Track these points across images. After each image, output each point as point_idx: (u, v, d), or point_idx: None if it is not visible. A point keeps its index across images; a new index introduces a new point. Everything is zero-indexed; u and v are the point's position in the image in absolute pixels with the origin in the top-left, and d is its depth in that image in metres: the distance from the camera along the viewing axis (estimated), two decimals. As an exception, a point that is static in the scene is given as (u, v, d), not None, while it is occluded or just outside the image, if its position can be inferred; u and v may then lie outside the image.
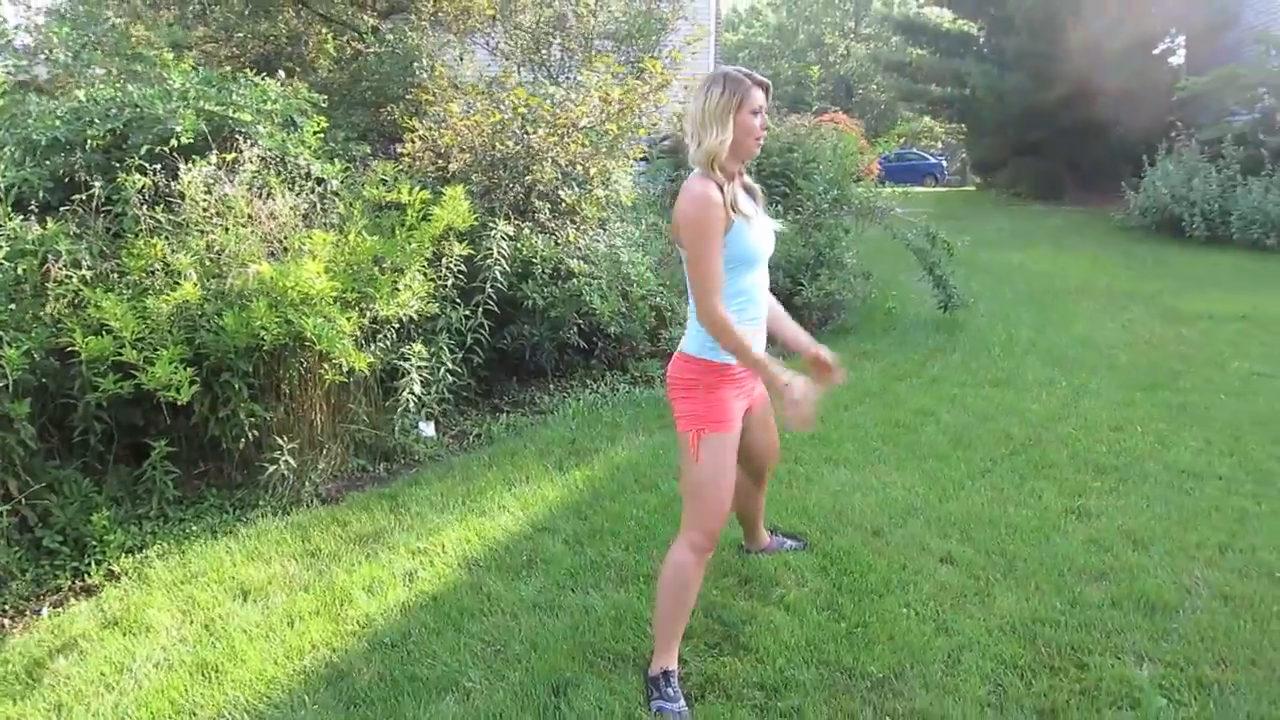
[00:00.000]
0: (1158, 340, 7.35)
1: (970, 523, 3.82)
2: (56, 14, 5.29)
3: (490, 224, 5.12)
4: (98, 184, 3.96)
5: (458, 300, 4.99)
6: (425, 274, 4.57)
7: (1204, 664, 2.83)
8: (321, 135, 4.81)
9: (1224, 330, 7.70)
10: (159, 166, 4.12)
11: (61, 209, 4.03)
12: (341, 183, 4.68)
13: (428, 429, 4.88)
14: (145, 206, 4.04)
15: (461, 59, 6.53)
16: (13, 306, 3.71)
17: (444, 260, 4.76)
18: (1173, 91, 16.95)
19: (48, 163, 4.13)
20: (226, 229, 4.03)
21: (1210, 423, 5.18)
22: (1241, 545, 3.63)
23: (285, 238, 4.18)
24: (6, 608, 3.36)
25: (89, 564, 3.61)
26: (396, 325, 4.62)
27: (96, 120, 4.26)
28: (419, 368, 4.56)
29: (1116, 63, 18.37)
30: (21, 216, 3.79)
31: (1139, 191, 14.96)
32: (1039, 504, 4.03)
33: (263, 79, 4.83)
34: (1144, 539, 3.68)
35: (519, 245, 5.27)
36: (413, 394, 4.56)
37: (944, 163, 37.76)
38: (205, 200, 4.05)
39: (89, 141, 4.20)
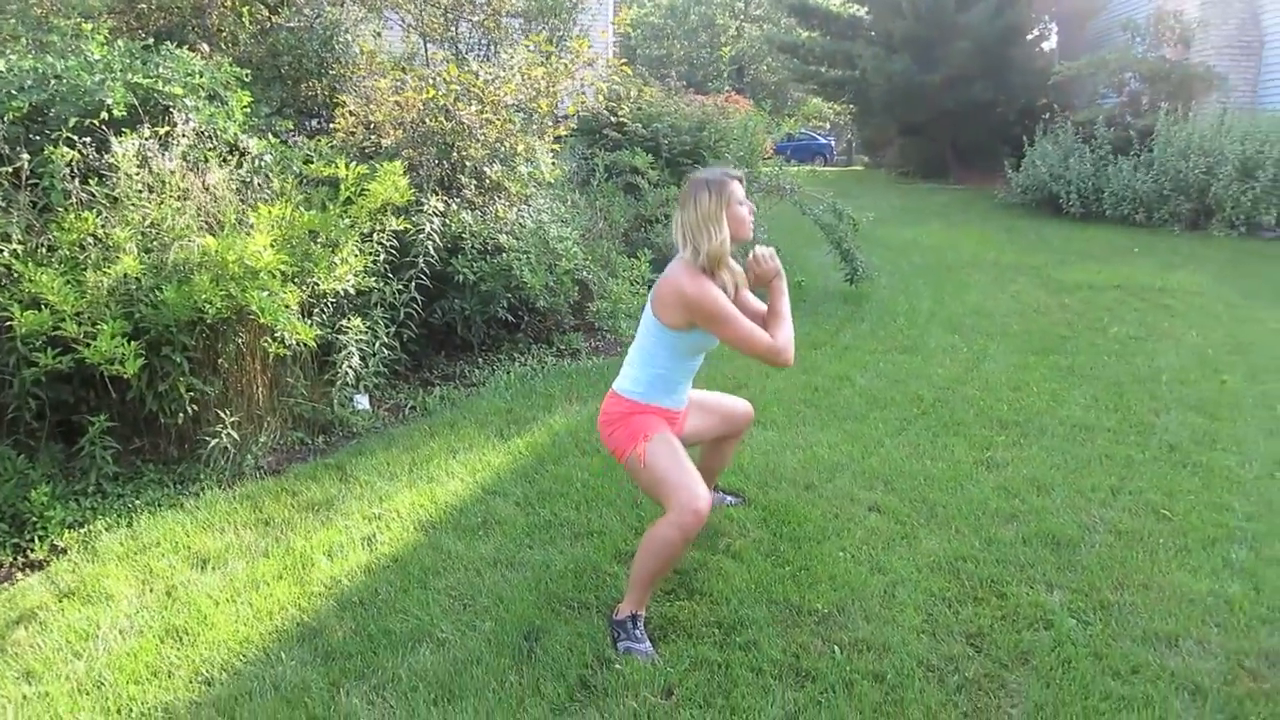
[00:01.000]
0: (1044, 309, 7.87)
1: (892, 475, 4.12)
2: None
3: (421, 200, 5.17)
4: (24, 157, 3.87)
5: (389, 275, 5.04)
6: (360, 249, 4.61)
7: (1105, 589, 3.17)
8: (248, 111, 4.78)
9: (1102, 299, 8.27)
10: (87, 139, 4.05)
11: (-16, 182, 3.92)
12: (274, 159, 4.66)
13: (363, 402, 4.93)
14: (75, 180, 3.96)
15: (379, 35, 6.51)
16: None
17: (376, 235, 4.80)
18: (1048, 75, 17.86)
19: (-34, 135, 4.00)
20: (161, 203, 3.99)
21: (1096, 381, 5.63)
22: (1130, 488, 4.03)
23: (221, 212, 4.17)
24: (-52, 587, 3.32)
25: (30, 540, 3.57)
26: (332, 300, 4.65)
27: (16, 91, 4.14)
28: (356, 341, 4.61)
29: (994, 47, 19.27)
30: (-56, 191, 3.69)
31: (1019, 171, 15.75)
32: (952, 457, 4.36)
33: (180, 51, 4.76)
34: (1046, 484, 4.04)
35: (448, 221, 5.33)
36: (351, 367, 4.61)
37: (832, 143, 38.75)
38: (139, 174, 4.00)
39: (9, 114, 4.08)
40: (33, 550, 3.53)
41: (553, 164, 6.23)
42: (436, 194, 5.30)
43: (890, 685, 2.64)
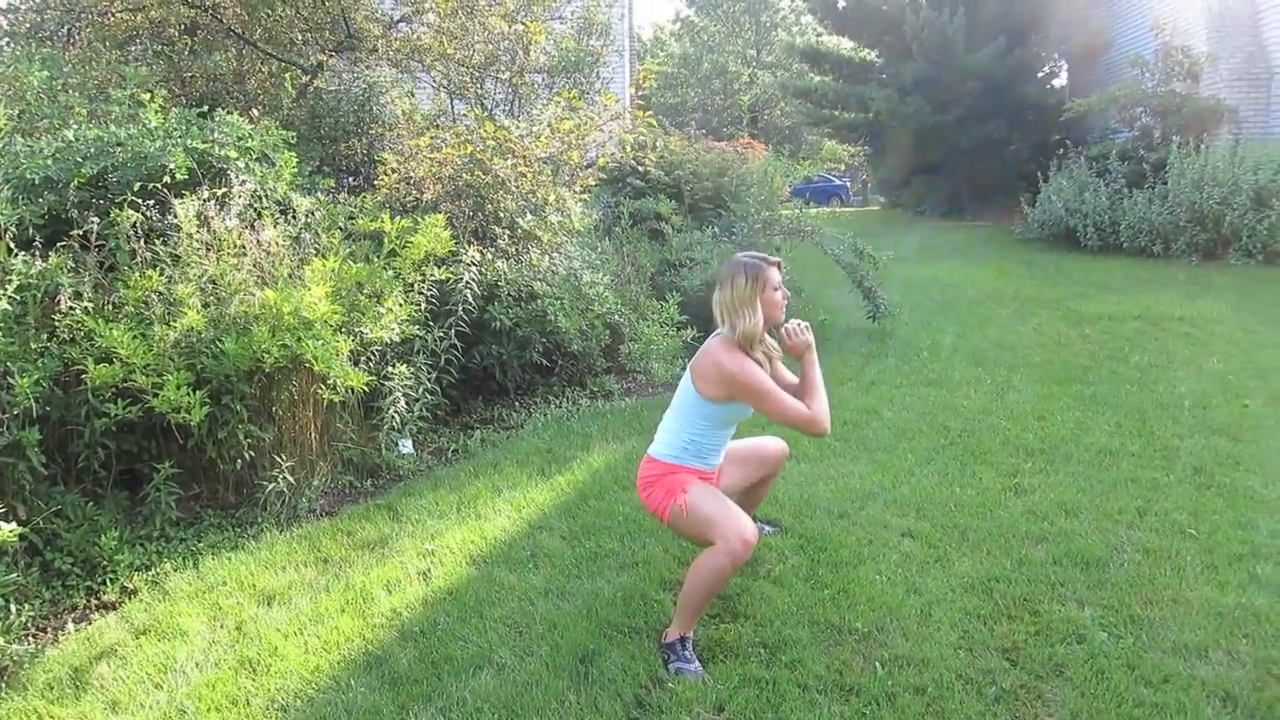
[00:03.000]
0: (1065, 340, 7.98)
1: (923, 502, 4.25)
2: (21, 56, 5.37)
3: (458, 251, 5.40)
4: (94, 220, 4.12)
5: (430, 323, 5.25)
6: (404, 299, 4.83)
7: (1135, 604, 3.28)
8: (294, 170, 5.04)
9: (1123, 329, 8.37)
10: (150, 202, 4.31)
11: (57, 245, 4.17)
12: (321, 216, 4.91)
13: (407, 446, 5.12)
14: (140, 240, 4.22)
15: (413, 95, 6.81)
16: (14, 341, 3.84)
17: (418, 285, 5.02)
18: (1059, 112, 18.10)
19: (39, 201, 4.27)
20: (220, 260, 4.24)
21: (1119, 408, 5.74)
22: (1156, 509, 4.14)
23: (275, 267, 4.40)
24: (29, 626, 3.49)
25: (102, 582, 3.76)
26: (378, 348, 4.86)
27: (82, 159, 4.42)
28: (402, 387, 4.81)
29: (1005, 86, 19.57)
30: (23, 253, 3.93)
31: (1035, 206, 15.92)
32: (980, 484, 4.48)
33: (231, 117, 5.04)
34: (1073, 508, 4.16)
35: (484, 270, 5.56)
36: (397, 412, 4.80)
37: (848, 185, 39.13)
38: (199, 233, 4.25)
39: (76, 180, 4.35)
40: (104, 592, 3.72)
41: (582, 213, 6.47)
42: (472, 244, 5.53)
43: (931, 697, 2.76)
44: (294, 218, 4.77)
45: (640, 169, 8.24)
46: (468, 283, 5.28)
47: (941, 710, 2.70)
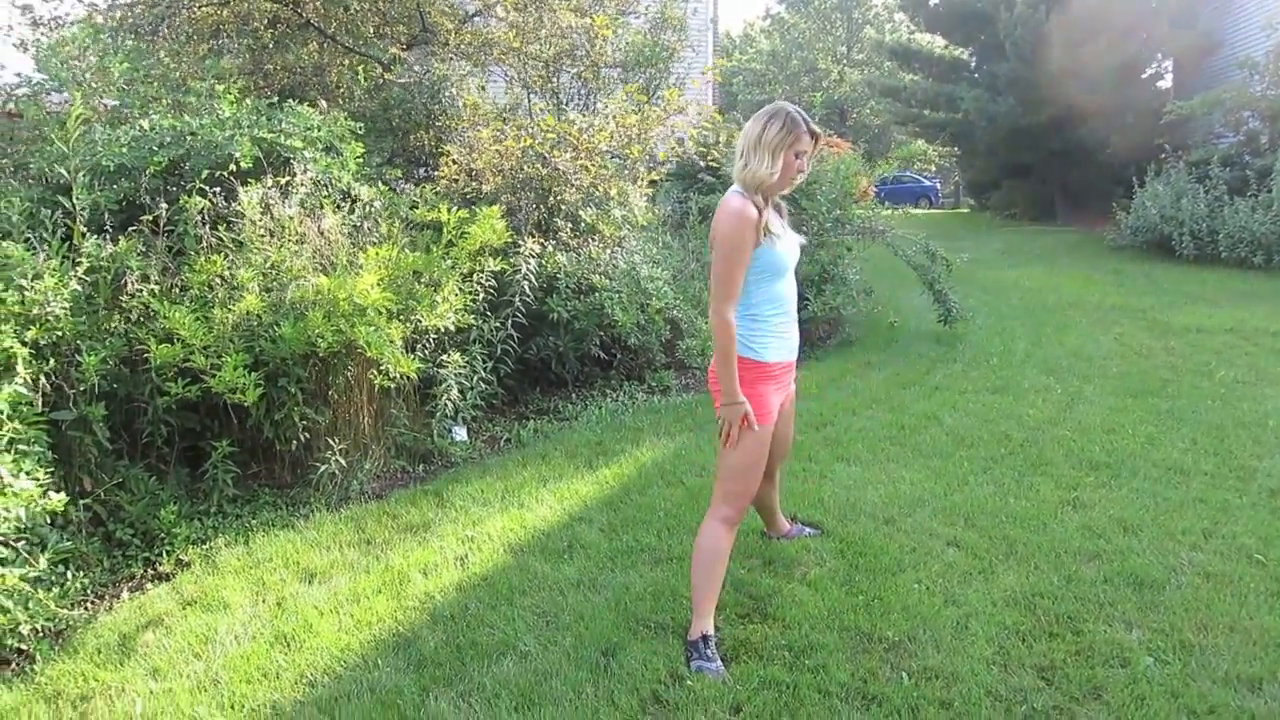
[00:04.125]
0: (1147, 351, 7.68)
1: (974, 512, 4.13)
2: (113, 48, 5.61)
3: (517, 242, 5.45)
4: (163, 206, 4.28)
5: (488, 313, 5.32)
6: (461, 288, 4.90)
7: (1187, 630, 3.13)
8: (360, 160, 5.16)
9: (1211, 342, 8.01)
10: (217, 189, 4.45)
11: (129, 229, 4.34)
12: (382, 205, 5.01)
13: (461, 433, 5.19)
14: (206, 226, 4.36)
15: (484, 88, 6.90)
16: (85, 319, 4.01)
17: (476, 275, 5.09)
18: (1161, 115, 17.40)
19: (114, 187, 4.45)
20: (281, 246, 4.36)
21: (1197, 425, 5.49)
22: (1224, 532, 3.93)
23: (334, 254, 4.51)
24: (89, 592, 3.65)
25: (159, 554, 3.90)
26: (434, 336, 4.94)
27: (157, 147, 4.59)
28: (456, 375, 4.88)
29: (1105, 87, 18.87)
30: (95, 236, 4.10)
31: (1129, 212, 15.36)
32: (1037, 496, 4.34)
33: (301, 107, 5.18)
34: (1134, 526, 3.98)
35: (543, 262, 5.60)
36: (450, 400, 4.88)
37: (938, 186, 38.33)
38: (262, 220, 4.38)
39: (151, 168, 4.52)
40: (161, 564, 3.86)
41: (645, 207, 6.47)
42: (533, 236, 5.58)
43: (957, 712, 2.68)
44: (356, 207, 4.87)
45: (711, 164, 8.19)
46: (526, 274, 5.33)
47: (965, 726, 2.62)
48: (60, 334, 3.71)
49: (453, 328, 4.86)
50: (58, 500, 3.06)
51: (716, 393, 2.98)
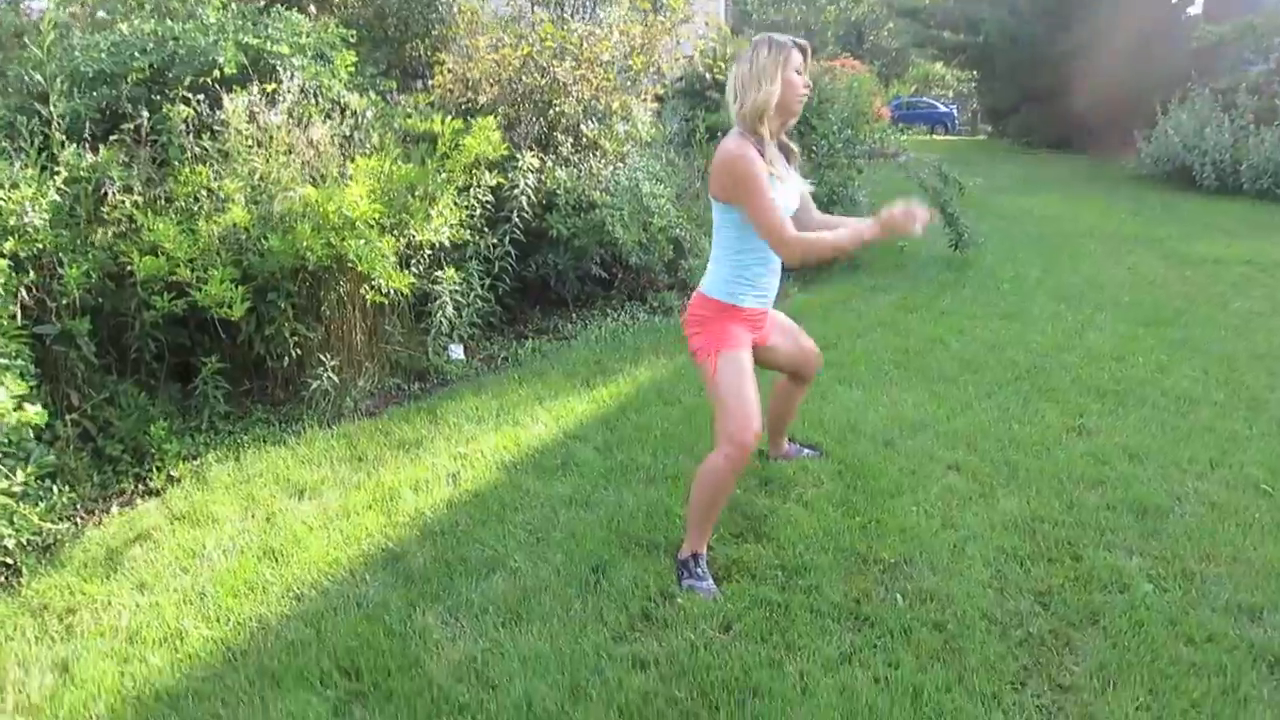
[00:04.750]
0: (1162, 281, 7.52)
1: (976, 436, 4.05)
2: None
3: (515, 157, 5.29)
4: (145, 114, 4.13)
5: (485, 229, 5.19)
6: (456, 202, 4.76)
7: (1189, 559, 3.06)
8: (352, 70, 4.97)
9: (1228, 274, 7.83)
10: (201, 97, 4.30)
11: (110, 139, 4.20)
12: (375, 115, 4.85)
13: (457, 351, 5.11)
14: (190, 135, 4.22)
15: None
16: (66, 231, 3.90)
17: (473, 189, 4.95)
18: (1189, 41, 16.85)
19: (94, 94, 4.30)
20: (268, 157, 4.22)
21: (1209, 355, 5.37)
22: (1231, 462, 3.84)
23: (323, 165, 4.37)
24: (78, 507, 3.61)
25: (149, 470, 3.85)
26: (429, 251, 4.82)
27: (139, 53, 4.42)
28: (451, 292, 4.78)
29: (1133, 10, 18.25)
30: (75, 145, 3.96)
31: (1150, 140, 14.98)
32: (1042, 422, 4.25)
33: (290, 13, 4.99)
34: (1140, 454, 3.90)
35: (543, 177, 5.45)
36: (445, 317, 4.78)
37: (954, 112, 37.54)
38: (248, 129, 4.23)
39: (132, 74, 4.36)
40: (151, 479, 3.81)
41: (650, 122, 6.27)
42: (532, 151, 5.41)
43: (950, 634, 2.63)
44: (347, 116, 4.71)
45: (715, 80, 7.94)
46: (524, 189, 5.18)
47: (959, 649, 2.57)
48: (40, 246, 3.60)
49: (448, 243, 4.74)
50: (34, 413, 2.99)
51: (692, 334, 2.94)
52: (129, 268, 3.86)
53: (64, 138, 3.92)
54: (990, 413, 4.36)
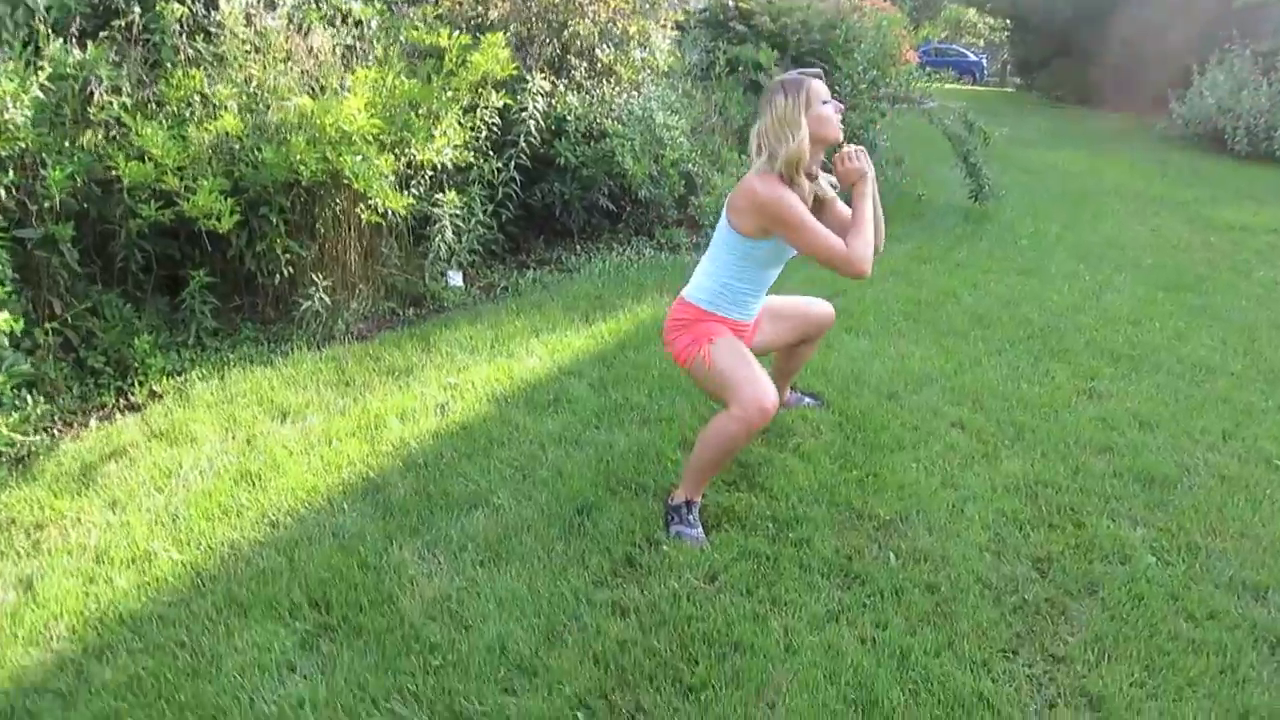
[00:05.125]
0: (1185, 245, 7.31)
1: (983, 394, 3.92)
2: None
3: (525, 78, 5.09)
4: (137, 10, 3.94)
5: (490, 153, 5.01)
6: (461, 122, 4.58)
7: (1195, 532, 2.95)
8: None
9: (1254, 241, 7.62)
10: (198, -6, 4.10)
11: (99, 35, 4.01)
12: (380, 25, 4.64)
13: (456, 278, 4.98)
14: (183, 36, 4.03)
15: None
16: (49, 131, 3.73)
17: (479, 110, 4.76)
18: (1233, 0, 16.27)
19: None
20: (265, 64, 4.04)
21: (1229, 324, 5.21)
22: (1244, 434, 3.71)
23: (323, 76, 4.19)
24: (56, 419, 3.52)
25: (132, 384, 3.75)
26: (430, 173, 4.66)
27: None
28: (451, 216, 4.62)
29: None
30: (60, 40, 3.78)
31: (1183, 101, 14.55)
32: (1052, 383, 4.12)
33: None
34: (1151, 421, 3.77)
35: (554, 102, 5.25)
36: (444, 241, 4.64)
37: (984, 61, 36.66)
38: (245, 33, 4.04)
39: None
40: (133, 394, 3.72)
41: (669, 50, 6.04)
42: (544, 73, 5.20)
43: (943, 597, 2.54)
44: (350, 25, 4.51)
45: (744, 11, 7.66)
46: (533, 113, 4.99)
47: (950, 612, 2.47)
48: (22, 145, 3.45)
49: (450, 165, 4.57)
50: (5, 319, 2.87)
51: (673, 339, 2.86)
52: (116, 173, 3.71)
53: (50, 32, 3.74)
54: (999, 370, 4.22)
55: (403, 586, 2.51)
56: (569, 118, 5.30)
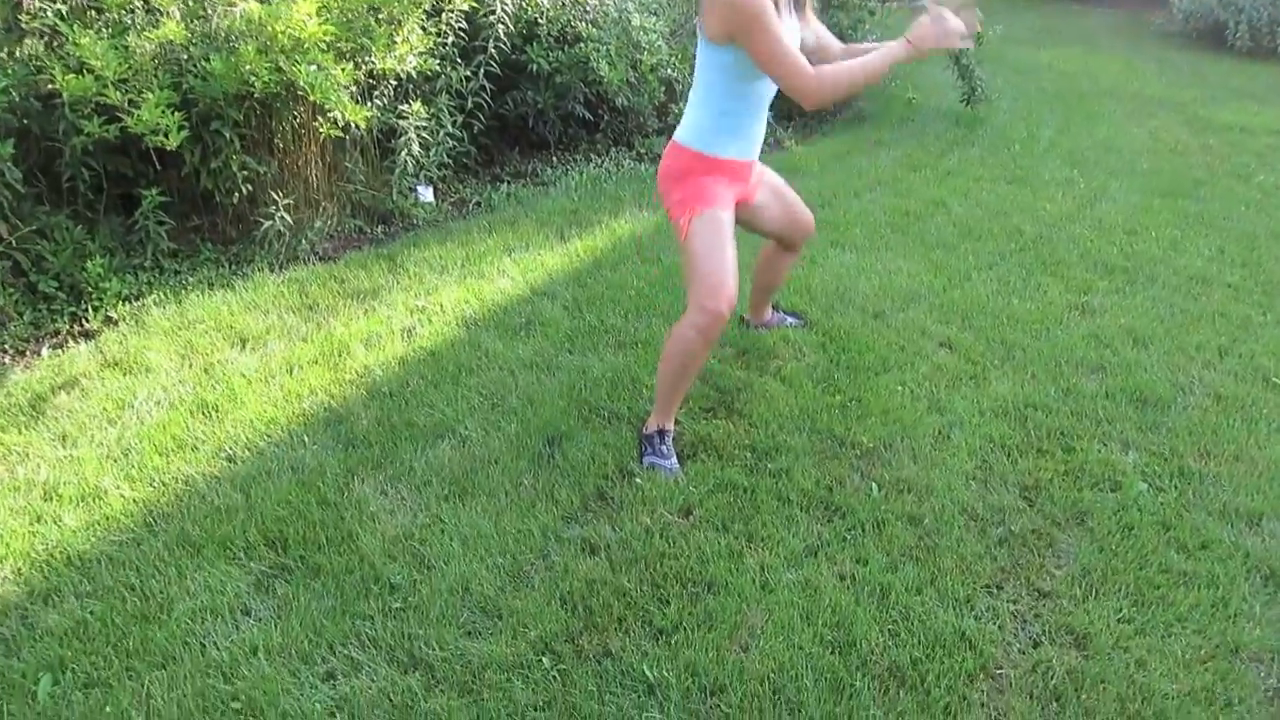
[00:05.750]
0: (1183, 149, 7.09)
1: (972, 311, 3.79)
2: None
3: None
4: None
5: (458, 60, 4.74)
6: (425, 28, 4.31)
7: (1188, 456, 2.86)
8: None
9: (1253, 143, 7.39)
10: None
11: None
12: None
13: (426, 194, 4.77)
14: (123, -67, 3.73)
15: None
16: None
17: (444, 14, 4.48)
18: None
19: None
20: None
21: (1227, 232, 5.05)
22: (1241, 350, 3.61)
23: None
24: (6, 347, 3.36)
25: (86, 310, 3.58)
26: (394, 83, 4.41)
27: None
28: (418, 128, 4.39)
29: None
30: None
31: (1184, -5, 14.07)
32: (1043, 298, 3.99)
33: None
34: (1145, 337, 3.66)
35: (523, 3, 4.96)
36: (411, 155, 4.42)
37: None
38: (188, -71, 3.75)
39: None
40: (88, 320, 3.55)
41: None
42: (514, -27, 4.91)
43: (926, 530, 2.45)
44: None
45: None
46: (501, 17, 4.70)
47: (933, 546, 2.39)
48: (-51, 56, 3.22)
49: (415, 74, 4.32)
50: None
51: (667, 190, 2.62)
52: (55, 86, 3.47)
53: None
54: (989, 285, 4.08)
55: (363, 524, 2.41)
56: (540, 20, 5.01)
